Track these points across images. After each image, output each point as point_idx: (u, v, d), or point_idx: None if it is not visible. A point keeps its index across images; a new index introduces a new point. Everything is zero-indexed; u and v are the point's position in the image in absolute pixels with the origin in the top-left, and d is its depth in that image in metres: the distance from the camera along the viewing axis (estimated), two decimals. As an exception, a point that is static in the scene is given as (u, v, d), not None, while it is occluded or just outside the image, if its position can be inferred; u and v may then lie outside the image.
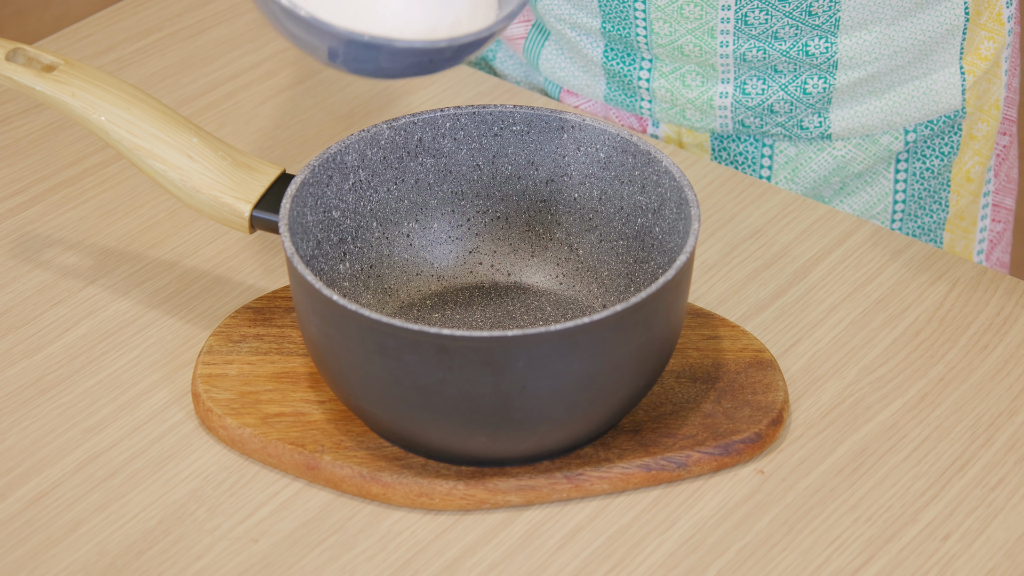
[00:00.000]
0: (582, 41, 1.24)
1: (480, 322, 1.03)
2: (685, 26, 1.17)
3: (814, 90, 1.19)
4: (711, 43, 1.18)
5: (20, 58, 1.01)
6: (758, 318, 1.07)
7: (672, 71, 1.21)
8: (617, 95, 1.24)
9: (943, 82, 1.20)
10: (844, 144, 1.22)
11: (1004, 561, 0.91)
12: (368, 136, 1.01)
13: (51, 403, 1.01)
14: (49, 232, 1.15)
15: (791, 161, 1.23)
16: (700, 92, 1.21)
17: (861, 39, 1.17)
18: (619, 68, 1.22)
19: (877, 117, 1.21)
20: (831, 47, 1.17)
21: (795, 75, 1.19)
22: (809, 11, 1.15)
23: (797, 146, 1.22)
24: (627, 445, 0.96)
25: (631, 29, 1.19)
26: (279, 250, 1.12)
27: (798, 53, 1.17)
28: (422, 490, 0.94)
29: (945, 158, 1.23)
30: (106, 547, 0.93)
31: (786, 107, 1.20)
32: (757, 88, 1.19)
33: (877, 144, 1.22)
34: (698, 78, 1.20)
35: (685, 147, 1.25)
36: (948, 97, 1.21)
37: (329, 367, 0.93)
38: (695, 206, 0.95)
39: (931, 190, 1.25)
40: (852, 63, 1.18)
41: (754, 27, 1.16)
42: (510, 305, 1.04)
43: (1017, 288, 1.08)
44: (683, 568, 0.91)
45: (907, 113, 1.21)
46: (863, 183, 1.24)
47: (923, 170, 1.24)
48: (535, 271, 1.05)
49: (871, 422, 0.99)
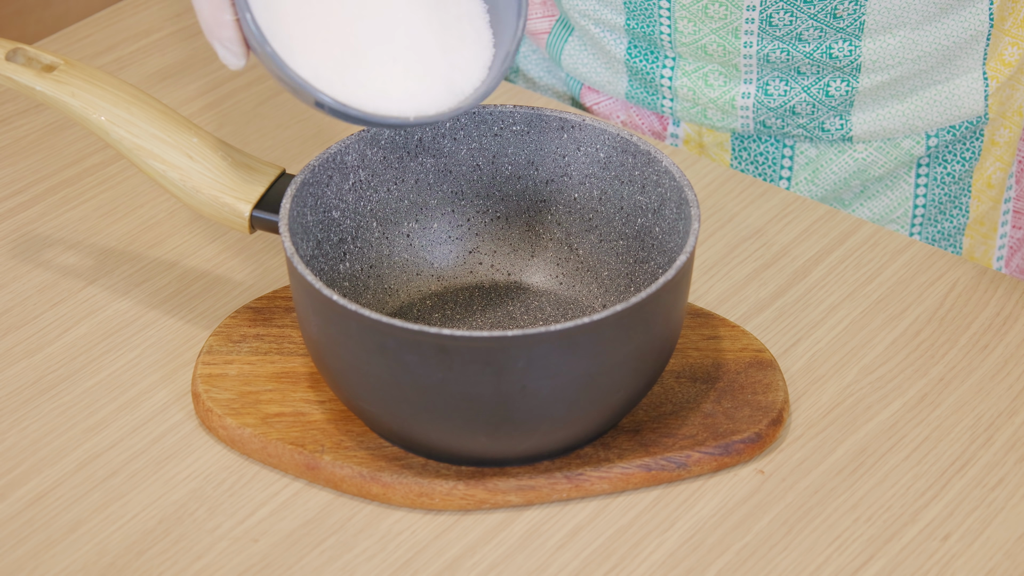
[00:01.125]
0: (605, 38, 1.24)
1: (480, 322, 1.03)
2: (709, 25, 1.17)
3: (836, 93, 1.19)
4: (735, 43, 1.18)
5: (20, 58, 1.01)
6: (758, 318, 1.07)
7: (695, 70, 1.21)
8: (639, 93, 1.24)
9: (966, 87, 1.20)
10: (865, 147, 1.22)
11: (1004, 561, 0.91)
12: (368, 136, 1.01)
13: (51, 403, 1.01)
14: (49, 232, 1.15)
15: (811, 163, 1.23)
16: (722, 92, 1.21)
17: (885, 43, 1.17)
18: (641, 66, 1.23)
19: (899, 121, 1.21)
20: (855, 50, 1.17)
21: (818, 77, 1.19)
22: (834, 14, 1.15)
23: (818, 148, 1.22)
24: (627, 445, 0.96)
25: (655, 27, 1.19)
26: (279, 250, 1.12)
27: (821, 55, 1.17)
28: (422, 490, 0.94)
29: (967, 164, 1.23)
30: (106, 547, 0.93)
31: (808, 109, 1.20)
32: (779, 89, 1.19)
33: (899, 148, 1.22)
34: (720, 78, 1.20)
35: (705, 147, 1.25)
36: (971, 103, 1.20)
37: (329, 367, 0.93)
38: (695, 206, 0.95)
39: (952, 195, 1.24)
40: (875, 67, 1.18)
41: (778, 28, 1.16)
42: (510, 305, 1.04)
43: (1017, 288, 1.08)
44: (683, 568, 0.91)
45: (929, 118, 1.21)
46: (884, 187, 1.23)
47: (944, 175, 1.23)
48: (535, 271, 1.05)
49: (871, 422, 0.99)
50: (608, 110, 1.28)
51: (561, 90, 1.32)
